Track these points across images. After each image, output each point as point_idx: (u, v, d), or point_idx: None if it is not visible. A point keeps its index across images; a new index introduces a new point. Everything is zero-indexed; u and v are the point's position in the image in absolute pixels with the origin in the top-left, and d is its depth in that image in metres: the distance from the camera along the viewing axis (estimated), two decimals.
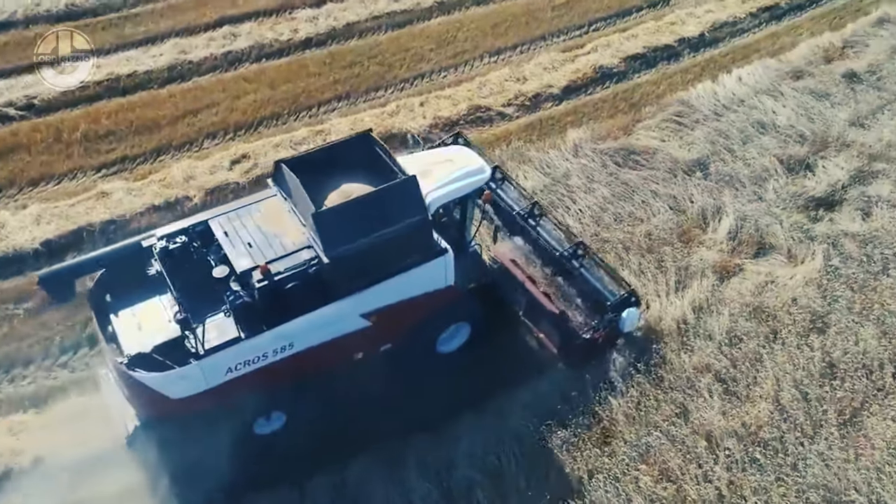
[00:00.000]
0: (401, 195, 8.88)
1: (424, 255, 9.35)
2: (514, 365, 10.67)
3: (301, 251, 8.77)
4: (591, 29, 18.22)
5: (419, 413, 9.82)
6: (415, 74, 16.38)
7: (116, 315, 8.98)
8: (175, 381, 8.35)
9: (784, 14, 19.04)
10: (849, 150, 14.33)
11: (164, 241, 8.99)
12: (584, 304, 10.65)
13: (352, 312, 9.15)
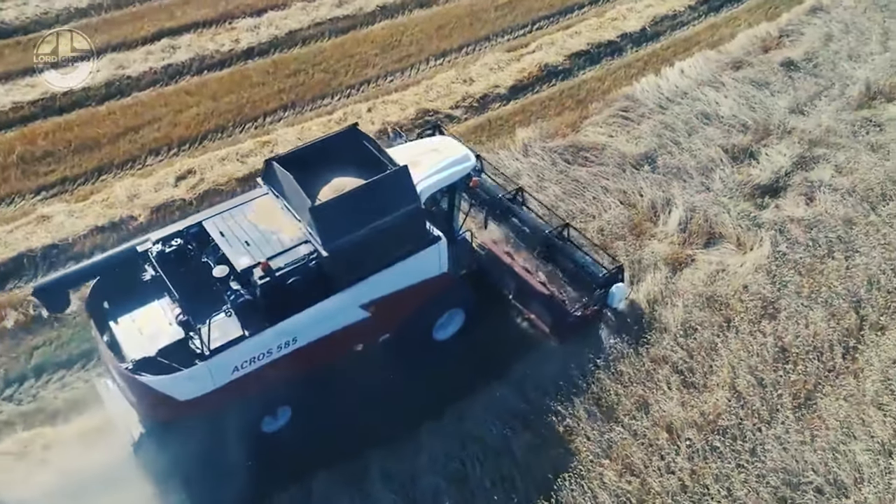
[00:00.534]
0: (393, 185, 9.03)
1: (418, 243, 9.53)
2: (472, 368, 10.60)
3: (299, 246, 8.82)
4: (534, 28, 18.32)
5: (380, 424, 9.71)
6: (361, 80, 16.24)
7: (116, 322, 8.90)
8: (183, 383, 8.33)
9: (722, 6, 19.41)
10: (790, 137, 14.67)
11: (159, 245, 8.99)
12: (572, 283, 10.95)
13: (352, 304, 9.25)
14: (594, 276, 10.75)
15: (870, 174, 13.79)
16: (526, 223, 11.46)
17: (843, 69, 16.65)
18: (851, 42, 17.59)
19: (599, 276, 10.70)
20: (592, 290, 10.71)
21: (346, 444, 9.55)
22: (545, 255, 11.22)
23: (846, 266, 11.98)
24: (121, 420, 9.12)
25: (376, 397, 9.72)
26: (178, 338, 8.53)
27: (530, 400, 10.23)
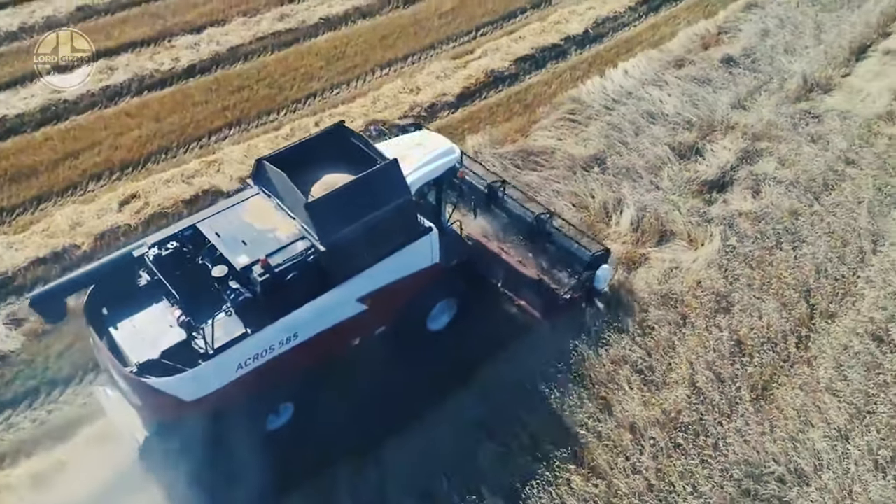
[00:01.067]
0: (385, 179, 9.21)
1: (411, 235, 9.70)
2: (437, 378, 10.49)
3: (296, 242, 8.92)
4: (479, 34, 18.37)
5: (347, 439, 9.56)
6: (306, 94, 16.05)
7: (116, 327, 8.90)
8: (189, 383, 8.35)
9: (661, 5, 19.78)
10: (733, 132, 14.97)
11: (156, 249, 9.07)
12: (558, 268, 11.22)
13: (349, 298, 9.38)
14: (580, 260, 11.05)
15: (811, 165, 14.14)
16: (509, 213, 11.74)
17: (780, 63, 17.07)
18: (787, 36, 18.06)
19: (585, 260, 10.99)
20: (579, 274, 11.00)
21: (314, 460, 9.39)
22: (530, 242, 11.48)
23: (794, 256, 12.24)
24: (124, 426, 9.11)
25: (341, 412, 9.62)
26: (181, 339, 8.57)
27: (494, 408, 10.17)
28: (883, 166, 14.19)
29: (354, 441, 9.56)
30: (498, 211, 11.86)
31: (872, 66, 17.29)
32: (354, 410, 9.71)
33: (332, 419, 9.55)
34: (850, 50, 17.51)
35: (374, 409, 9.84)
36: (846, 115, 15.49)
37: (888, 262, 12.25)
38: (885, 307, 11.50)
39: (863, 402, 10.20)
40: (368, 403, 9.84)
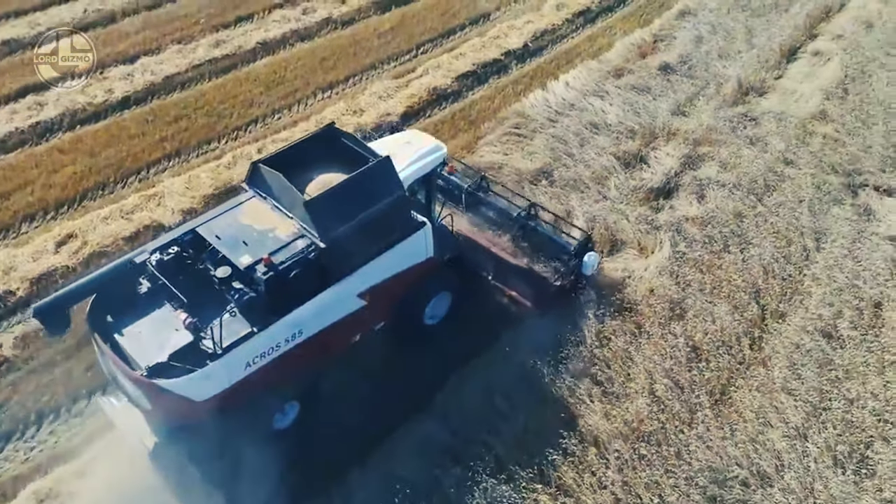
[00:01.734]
0: (379, 175, 9.47)
1: (406, 229, 9.95)
2: (394, 404, 10.28)
3: (296, 241, 9.09)
4: (419, 52, 18.32)
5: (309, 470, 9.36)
6: (247, 121, 15.73)
7: (121, 334, 8.93)
8: (199, 383, 8.42)
9: (597, 16, 20.07)
10: (675, 139, 15.20)
11: (157, 255, 9.19)
12: (546, 257, 11.56)
13: (349, 294, 9.57)
14: (567, 248, 11.39)
15: (752, 167, 14.44)
16: (493, 207, 12.09)
17: (715, 68, 17.45)
18: (720, 42, 18.50)
19: (572, 248, 11.34)
20: (567, 261, 11.32)
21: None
22: (517, 234, 11.77)
23: (742, 258, 12.44)
24: (132, 433, 9.21)
25: (303, 440, 9.61)
26: (187, 341, 8.60)
27: (457, 433, 10.01)
28: (819, 165, 14.58)
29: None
30: (483, 206, 12.19)
31: (802, 67, 17.81)
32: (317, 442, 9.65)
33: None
34: (780, 53, 18.01)
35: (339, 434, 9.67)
36: (781, 116, 15.89)
37: (832, 259, 12.56)
38: (832, 303, 11.77)
39: (817, 399, 10.37)
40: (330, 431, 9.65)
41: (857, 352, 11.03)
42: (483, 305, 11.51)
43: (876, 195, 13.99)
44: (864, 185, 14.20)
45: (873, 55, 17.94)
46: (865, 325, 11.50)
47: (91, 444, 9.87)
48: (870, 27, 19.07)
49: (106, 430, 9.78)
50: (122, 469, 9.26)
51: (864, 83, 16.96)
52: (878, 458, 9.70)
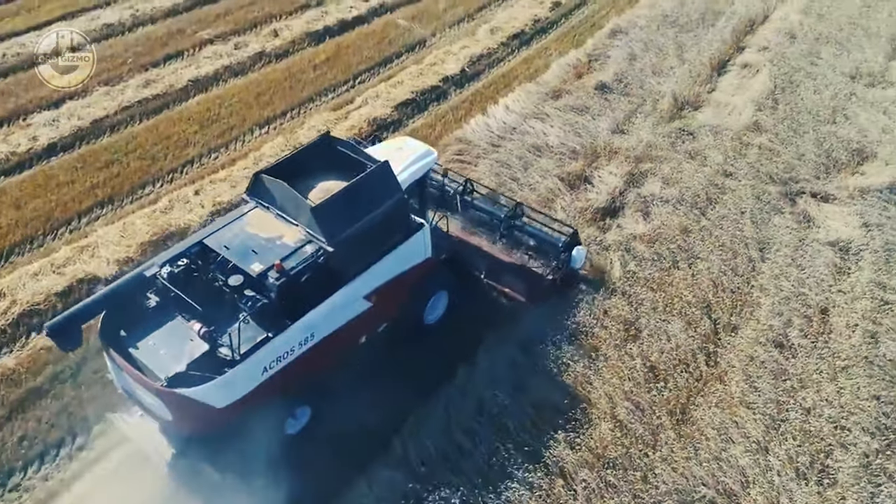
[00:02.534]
0: (380, 179, 9.79)
1: (406, 231, 10.28)
2: (349, 446, 9.93)
3: (304, 247, 9.36)
4: (356, 82, 18.14)
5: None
6: (182, 162, 15.24)
7: (136, 347, 8.99)
8: (220, 390, 8.53)
9: (531, 39, 20.25)
10: (617, 157, 15.32)
11: (167, 267, 9.32)
12: (536, 253, 12.06)
13: (357, 296, 9.82)
14: (556, 244, 11.82)
15: (693, 181, 14.64)
16: (481, 209, 12.53)
17: (650, 85, 17.74)
18: (652, 59, 18.84)
19: (561, 242, 11.76)
20: (558, 255, 11.72)
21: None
22: (506, 233, 12.23)
23: (691, 274, 12.53)
24: (149, 447, 9.32)
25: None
26: (204, 350, 8.70)
27: (418, 475, 9.70)
28: (757, 175, 14.88)
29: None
30: (470, 209, 12.58)
31: (733, 80, 18.26)
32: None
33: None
34: (711, 66, 18.44)
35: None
36: (717, 129, 16.21)
37: (777, 268, 12.76)
38: (781, 313, 11.92)
39: (775, 410, 10.44)
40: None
41: (809, 360, 11.17)
42: (437, 342, 11.29)
43: (813, 202, 14.32)
44: (801, 193, 14.53)
45: (798, 65, 18.53)
46: (814, 332, 11.68)
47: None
48: (793, 38, 19.72)
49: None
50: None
51: (793, 93, 17.47)
52: (839, 467, 9.77)
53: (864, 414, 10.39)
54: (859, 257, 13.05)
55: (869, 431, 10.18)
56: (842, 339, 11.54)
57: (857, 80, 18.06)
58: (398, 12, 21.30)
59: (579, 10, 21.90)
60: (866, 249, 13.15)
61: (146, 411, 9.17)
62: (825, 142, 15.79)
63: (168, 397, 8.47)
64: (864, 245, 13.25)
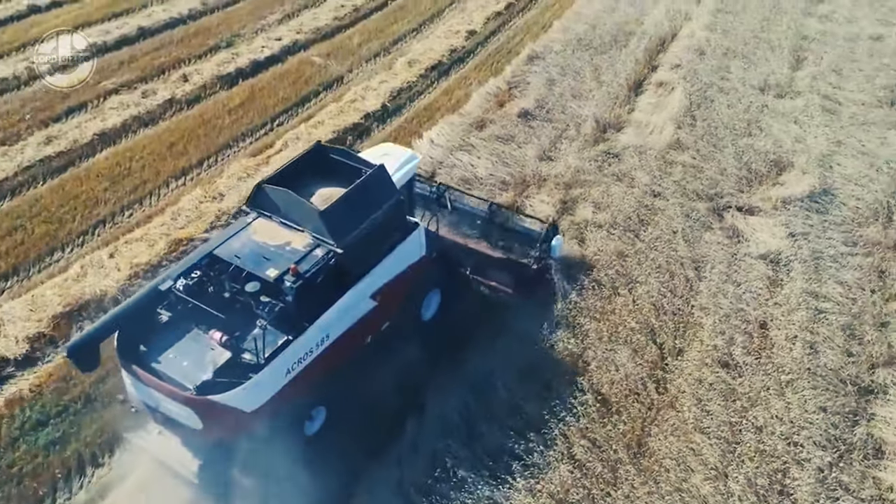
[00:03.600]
0: (377, 183, 10.28)
1: (404, 231, 10.78)
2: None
3: (314, 250, 9.70)
4: (275, 125, 17.56)
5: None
6: (93, 223, 14.25)
7: (157, 361, 9.11)
8: (249, 394, 8.75)
9: (449, 69, 20.13)
10: (546, 185, 15.25)
11: (182, 280, 9.52)
12: (517, 247, 12.49)
13: (364, 295, 10.20)
14: (536, 236, 12.35)
15: (623, 204, 14.68)
16: (458, 209, 12.92)
17: (571, 109, 17.83)
18: (571, 83, 18.97)
19: (541, 234, 12.29)
20: (539, 247, 12.20)
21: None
22: (486, 230, 12.72)
23: (632, 299, 12.47)
24: (174, 461, 9.43)
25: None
26: (227, 358, 8.95)
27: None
28: (684, 193, 15.06)
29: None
30: (449, 210, 12.84)
31: (650, 99, 18.56)
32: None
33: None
34: (628, 87, 18.72)
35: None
36: (641, 149, 16.38)
37: (713, 286, 12.85)
38: (723, 331, 11.98)
39: (729, 433, 10.39)
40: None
41: (756, 377, 11.22)
42: (384, 388, 10.79)
43: (740, 215, 14.58)
44: (727, 207, 14.78)
45: (710, 80, 19.02)
46: (757, 348, 11.77)
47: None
48: (702, 54, 20.27)
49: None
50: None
51: (708, 108, 17.89)
52: (796, 485, 9.78)
53: (814, 427, 10.47)
54: (790, 268, 13.31)
55: (821, 445, 10.25)
56: (783, 352, 11.66)
57: (766, 92, 18.68)
58: (312, 49, 20.84)
59: (495, 38, 21.96)
60: (795, 259, 13.44)
61: (167, 425, 9.36)
62: (744, 155, 16.17)
63: (199, 405, 8.68)
64: (793, 255, 13.54)
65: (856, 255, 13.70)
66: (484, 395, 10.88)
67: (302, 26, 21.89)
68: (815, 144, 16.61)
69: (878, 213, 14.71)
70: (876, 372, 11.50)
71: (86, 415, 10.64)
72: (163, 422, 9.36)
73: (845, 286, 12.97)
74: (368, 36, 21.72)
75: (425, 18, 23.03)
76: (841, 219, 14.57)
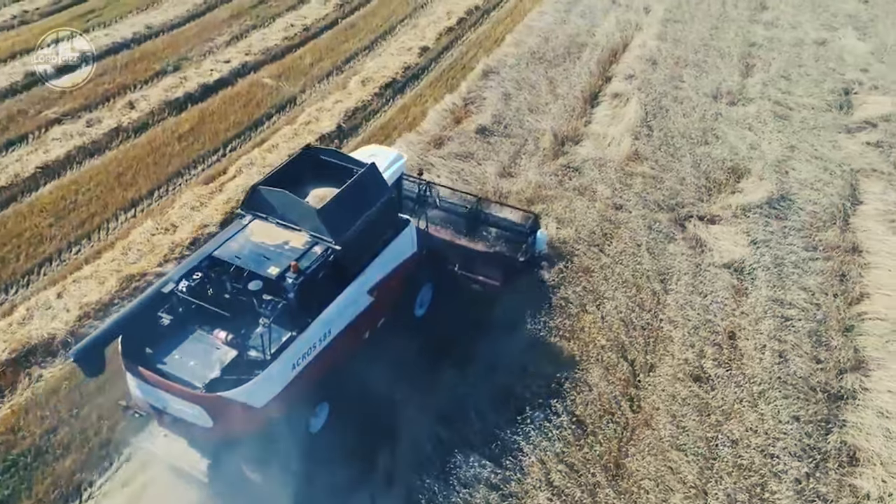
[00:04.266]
0: (370, 180, 10.54)
1: (396, 227, 11.08)
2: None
3: (312, 248, 9.88)
4: (228, 151, 17.06)
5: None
6: (38, 261, 13.54)
7: (163, 362, 9.17)
8: (258, 389, 8.86)
9: (404, 86, 19.88)
10: (508, 201, 15.00)
11: (185, 282, 9.55)
12: (504, 240, 12.92)
13: (362, 290, 10.40)
14: (522, 229, 12.87)
15: (587, 218, 14.56)
16: (443, 206, 13.08)
17: (529, 124, 17.72)
18: (527, 97, 18.89)
19: (526, 227, 12.85)
20: (525, 239, 12.73)
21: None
22: (472, 225, 13.03)
23: (601, 316, 12.33)
24: (182, 462, 9.53)
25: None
26: (233, 356, 9.09)
27: None
28: (646, 204, 15.05)
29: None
30: (434, 207, 12.95)
31: (606, 110, 18.58)
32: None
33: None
34: (583, 99, 18.72)
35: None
36: (600, 162, 16.33)
37: (680, 298, 12.81)
38: (693, 344, 11.92)
39: (705, 449, 10.30)
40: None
41: (728, 390, 11.17)
42: (355, 421, 10.45)
43: (701, 225, 14.61)
44: (689, 217, 14.80)
45: (664, 90, 19.16)
46: (727, 359, 11.73)
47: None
48: (654, 64, 20.42)
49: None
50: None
51: (664, 118, 17.98)
52: (776, 499, 9.72)
53: (789, 438, 10.45)
54: (754, 276, 13.35)
55: (796, 455, 10.23)
56: (753, 363, 11.65)
57: (719, 100, 18.88)
58: (263, 71, 20.39)
59: (448, 53, 21.79)
60: (759, 267, 13.49)
61: (174, 427, 9.46)
62: (702, 163, 16.26)
63: (209, 402, 8.74)
64: (756, 263, 13.60)
65: (816, 259, 13.83)
66: (456, 425, 10.59)
67: (251, 47, 21.43)
68: (769, 150, 16.79)
69: (835, 216, 14.91)
70: (844, 378, 11.56)
71: (37, 469, 10.05)
72: (170, 424, 9.42)
73: (809, 292, 13.06)
74: (320, 55, 21.37)
75: (377, 35, 22.78)
76: (800, 224, 14.70)
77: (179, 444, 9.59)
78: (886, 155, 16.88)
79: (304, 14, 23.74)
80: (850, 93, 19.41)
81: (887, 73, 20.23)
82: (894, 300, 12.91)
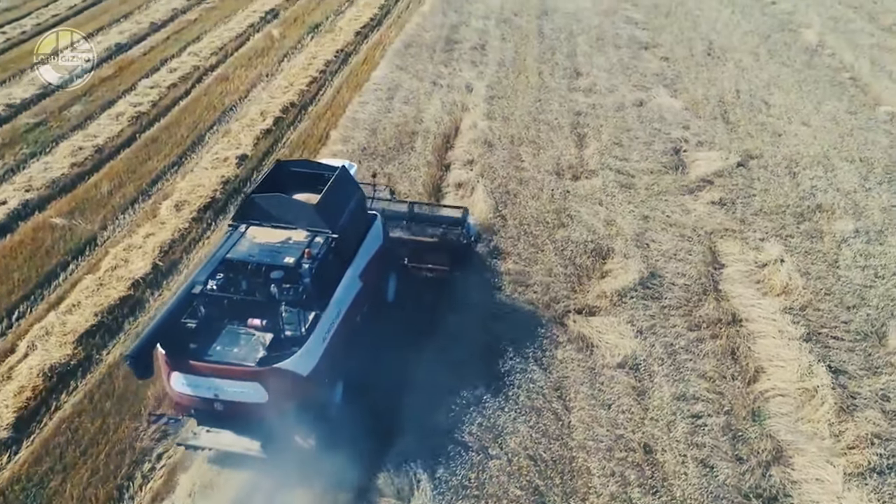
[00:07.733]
0: (346, 179, 12.16)
1: (369, 220, 12.59)
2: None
3: (315, 238, 11.02)
4: (13, 321, 13.73)
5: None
6: None
7: (209, 355, 9.98)
8: (303, 359, 9.91)
9: (226, 205, 17.41)
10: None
11: (212, 282, 10.46)
12: (444, 230, 14.42)
13: (355, 276, 11.53)
14: (457, 220, 14.49)
15: (463, 335, 12.97)
16: (387, 212, 14.07)
17: None
18: None
19: (459, 218, 14.47)
20: (460, 226, 14.38)
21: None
22: (414, 223, 14.45)
23: (507, 459, 10.64)
24: (237, 447, 10.25)
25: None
26: (270, 338, 10.21)
27: None
28: (521, 308, 13.77)
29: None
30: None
31: (454, 203, 17.28)
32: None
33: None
34: (427, 194, 17.26)
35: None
36: None
37: (584, 416, 11.51)
38: (612, 472, 10.63)
39: None
40: None
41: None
42: None
43: (581, 319, 13.58)
44: (567, 313, 13.73)
45: (507, 173, 18.29)
46: (651, 481, 10.54)
47: None
48: (491, 146, 19.55)
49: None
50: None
51: (514, 204, 17.01)
52: None
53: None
54: (651, 372, 12.40)
55: None
56: (679, 480, 10.54)
57: (562, 176, 18.31)
58: (50, 209, 17.11)
59: (269, 160, 19.62)
60: (652, 361, 12.58)
61: (218, 420, 10.21)
62: (565, 249, 15.34)
63: (265, 376, 9.62)
64: (648, 356, 12.69)
65: (704, 340, 13.16)
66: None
67: (31, 181, 18.02)
68: (625, 224, 16.27)
69: (706, 287, 14.49)
70: (770, 474, 10.73)
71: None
72: (217, 414, 10.04)
73: (708, 379, 12.28)
74: (120, 180, 18.39)
75: (185, 148, 20.16)
76: (676, 301, 14.08)
77: (226, 434, 10.27)
78: (732, 213, 16.96)
79: (94, 133, 20.54)
80: (680, 151, 19.63)
81: (706, 128, 20.84)
82: (787, 371, 12.43)
